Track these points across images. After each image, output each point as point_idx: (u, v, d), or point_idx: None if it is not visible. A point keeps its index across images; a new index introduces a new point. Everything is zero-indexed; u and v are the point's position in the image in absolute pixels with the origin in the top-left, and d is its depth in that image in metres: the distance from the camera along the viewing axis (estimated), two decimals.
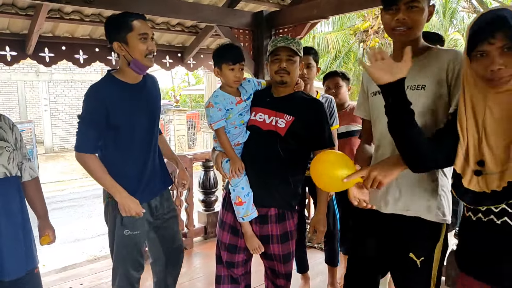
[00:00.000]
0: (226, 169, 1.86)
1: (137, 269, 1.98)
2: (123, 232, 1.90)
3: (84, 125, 1.81)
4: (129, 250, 1.93)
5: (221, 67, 1.85)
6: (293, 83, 1.89)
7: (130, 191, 1.86)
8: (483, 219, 1.18)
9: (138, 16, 1.80)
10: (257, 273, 2.28)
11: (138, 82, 1.90)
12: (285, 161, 1.82)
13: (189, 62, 4.16)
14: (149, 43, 1.80)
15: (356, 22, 17.25)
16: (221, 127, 1.83)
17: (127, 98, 1.84)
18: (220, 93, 1.87)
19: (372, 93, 1.59)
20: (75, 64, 3.49)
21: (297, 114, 1.83)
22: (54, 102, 14.41)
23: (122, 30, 1.76)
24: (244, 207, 1.82)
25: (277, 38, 1.87)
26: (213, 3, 3.54)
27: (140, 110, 1.88)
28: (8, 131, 1.72)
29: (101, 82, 1.85)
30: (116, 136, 1.83)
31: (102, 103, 1.77)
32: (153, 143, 1.98)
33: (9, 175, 1.67)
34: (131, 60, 1.79)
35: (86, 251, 4.90)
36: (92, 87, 1.82)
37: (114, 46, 1.80)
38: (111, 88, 1.82)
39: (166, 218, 2.07)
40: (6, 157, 1.66)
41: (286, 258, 1.91)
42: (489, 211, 1.15)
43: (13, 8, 2.87)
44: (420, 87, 1.41)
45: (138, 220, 1.90)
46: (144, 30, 1.78)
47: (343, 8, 3.01)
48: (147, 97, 1.93)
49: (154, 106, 1.98)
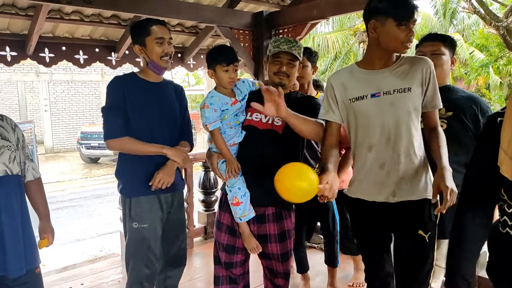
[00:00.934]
0: (222, 170, 1.86)
1: (146, 265, 1.97)
2: (132, 225, 1.95)
3: (108, 113, 1.91)
4: (138, 245, 1.96)
5: (215, 69, 1.86)
6: (291, 85, 1.94)
7: (138, 178, 1.93)
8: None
9: (158, 22, 1.95)
10: (256, 273, 2.29)
11: (157, 82, 2.02)
12: (282, 159, 1.82)
13: (189, 62, 4.17)
14: (165, 46, 1.93)
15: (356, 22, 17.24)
16: (217, 128, 1.83)
17: (142, 92, 1.95)
18: (215, 94, 1.87)
19: (353, 99, 1.66)
20: (75, 65, 3.49)
21: (292, 110, 1.83)
22: (54, 102, 14.42)
23: (141, 35, 1.92)
24: (241, 207, 1.83)
25: (280, 39, 1.87)
26: (213, 4, 3.55)
27: (153, 105, 1.96)
28: (10, 131, 1.74)
29: (121, 76, 2.00)
30: (130, 124, 1.91)
31: (121, 91, 1.90)
32: (166, 139, 1.99)
33: (10, 173, 1.68)
34: (149, 61, 1.95)
35: (86, 251, 4.90)
36: (113, 78, 1.96)
37: (135, 49, 1.97)
38: (130, 81, 1.96)
39: (176, 219, 2.09)
40: (7, 155, 1.68)
41: (284, 257, 1.91)
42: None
43: (13, 9, 2.87)
44: (406, 90, 1.59)
45: (146, 213, 1.94)
46: (161, 34, 1.91)
47: (343, 8, 3.02)
48: (162, 96, 2.01)
49: (167, 106, 2.02)
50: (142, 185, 1.93)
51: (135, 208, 1.94)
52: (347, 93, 1.68)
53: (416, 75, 1.59)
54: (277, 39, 1.89)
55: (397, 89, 1.59)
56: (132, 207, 1.94)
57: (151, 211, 1.95)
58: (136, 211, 1.93)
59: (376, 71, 1.64)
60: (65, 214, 6.66)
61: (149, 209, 1.95)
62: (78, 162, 12.06)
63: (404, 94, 1.58)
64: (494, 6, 12.81)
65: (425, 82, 1.60)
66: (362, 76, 1.67)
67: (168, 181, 1.93)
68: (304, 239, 2.82)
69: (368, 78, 1.65)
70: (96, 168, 11.05)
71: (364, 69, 1.67)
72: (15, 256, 1.67)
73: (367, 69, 1.67)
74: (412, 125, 1.60)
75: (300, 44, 1.90)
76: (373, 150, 1.64)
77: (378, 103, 1.60)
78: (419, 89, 1.59)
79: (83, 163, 11.81)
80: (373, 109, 1.61)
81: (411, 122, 1.59)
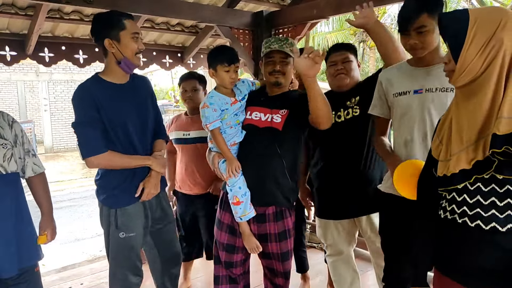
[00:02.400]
0: (222, 170, 1.86)
1: (135, 273, 1.95)
2: (118, 235, 1.87)
3: (83, 128, 1.77)
4: (126, 254, 1.90)
5: (216, 69, 1.86)
6: (288, 83, 1.94)
7: (123, 188, 1.86)
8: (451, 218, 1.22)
9: (129, 16, 1.84)
10: (256, 273, 2.29)
11: (126, 82, 1.89)
12: (283, 157, 1.83)
13: (189, 62, 4.16)
14: (139, 42, 1.84)
15: None
16: (217, 128, 1.83)
17: (115, 98, 1.82)
18: (215, 94, 1.88)
19: (396, 94, 1.74)
20: (75, 64, 3.48)
21: (290, 107, 1.86)
22: (54, 102, 14.41)
23: (115, 28, 1.77)
24: (241, 206, 1.83)
25: (270, 39, 1.91)
26: (213, 3, 3.54)
27: (129, 109, 1.86)
28: (6, 128, 1.72)
29: (87, 82, 1.83)
30: (107, 136, 1.81)
31: (92, 102, 1.76)
32: (146, 143, 1.96)
33: (4, 172, 1.66)
34: (122, 59, 1.80)
35: (86, 251, 4.90)
36: (79, 88, 1.80)
37: (105, 43, 1.78)
38: (99, 89, 1.80)
39: (164, 223, 2.06)
40: (2, 154, 1.66)
41: (285, 257, 1.91)
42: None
43: (12, 8, 2.87)
44: (449, 90, 1.59)
45: (133, 221, 1.88)
46: (136, 29, 1.83)
47: (343, 8, 3.01)
48: (135, 97, 1.91)
49: (143, 106, 1.95)
50: (128, 194, 1.87)
51: (121, 217, 1.86)
52: (393, 88, 1.75)
53: None
54: (268, 40, 1.91)
55: (440, 88, 1.61)
56: (118, 216, 1.86)
57: (137, 219, 1.90)
58: (122, 220, 1.86)
59: (422, 68, 1.68)
60: (65, 214, 6.65)
61: (135, 217, 1.90)
62: (78, 161, 12.04)
63: (446, 94, 1.59)
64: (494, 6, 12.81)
65: None
66: (408, 72, 1.72)
67: (154, 193, 1.92)
68: (304, 239, 2.83)
69: (414, 74, 1.69)
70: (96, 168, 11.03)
71: (411, 66, 1.73)
72: (4, 257, 1.65)
73: (414, 66, 1.71)
74: None
75: (292, 41, 1.93)
76: (408, 146, 1.69)
77: (420, 99, 1.65)
78: None
79: (83, 163, 11.72)
80: (413, 105, 1.66)
81: None
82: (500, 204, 1.12)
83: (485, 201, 1.14)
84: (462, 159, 1.15)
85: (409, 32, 1.59)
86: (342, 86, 2.11)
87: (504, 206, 1.11)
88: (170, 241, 2.11)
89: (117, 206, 1.87)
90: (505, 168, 1.10)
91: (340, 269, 2.30)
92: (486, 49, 1.10)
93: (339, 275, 2.31)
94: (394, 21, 17.46)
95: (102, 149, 1.77)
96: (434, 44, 1.62)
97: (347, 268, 2.30)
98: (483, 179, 1.14)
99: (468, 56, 1.12)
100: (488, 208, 1.13)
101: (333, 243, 2.27)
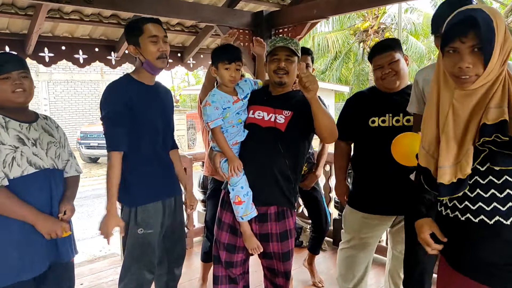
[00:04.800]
0: (224, 169, 1.86)
1: (150, 270, 1.97)
2: (136, 231, 1.90)
3: (110, 124, 1.84)
4: (143, 250, 1.94)
5: (217, 66, 1.87)
6: (292, 83, 1.93)
7: (148, 185, 1.91)
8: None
9: (152, 20, 1.89)
10: (256, 273, 2.29)
11: (153, 85, 1.98)
12: (285, 157, 1.83)
13: (189, 62, 4.16)
14: (160, 44, 1.86)
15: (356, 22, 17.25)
16: (218, 126, 1.83)
17: (143, 96, 1.90)
18: (217, 92, 1.88)
19: None
20: (75, 64, 3.49)
21: (295, 109, 1.85)
22: (54, 102, 14.42)
23: (135, 34, 1.86)
24: (243, 206, 1.82)
25: (276, 38, 1.90)
26: (213, 3, 3.54)
27: (155, 109, 1.94)
28: (54, 129, 1.86)
29: (119, 80, 1.91)
30: (133, 133, 1.86)
31: (122, 99, 1.82)
32: (167, 145, 2.04)
33: (56, 167, 1.79)
34: (144, 61, 1.88)
35: (86, 251, 4.89)
36: (110, 85, 1.88)
37: (130, 50, 1.90)
38: (129, 86, 1.88)
39: (177, 222, 2.10)
40: (54, 150, 1.80)
41: (286, 257, 1.91)
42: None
43: (12, 8, 2.87)
44: None
45: (152, 218, 1.92)
46: (155, 32, 1.86)
47: (343, 8, 3.02)
48: (160, 98, 2.00)
49: (167, 108, 2.03)
50: (149, 192, 1.91)
51: (141, 214, 1.90)
52: (429, 86, 1.73)
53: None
54: (273, 39, 1.91)
55: None
56: (138, 213, 1.90)
57: (156, 217, 1.95)
58: (142, 217, 1.90)
59: None
60: None
61: (155, 214, 1.94)
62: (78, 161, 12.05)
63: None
64: (493, 6, 12.82)
65: None
66: None
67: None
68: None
69: None
70: (96, 168, 11.05)
71: None
72: (66, 240, 1.80)
73: None
74: None
75: (297, 41, 1.92)
76: None
77: None
78: None
79: (83, 162, 11.80)
80: None
81: None
82: (500, 196, 1.13)
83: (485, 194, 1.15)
84: (470, 157, 1.14)
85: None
86: (393, 89, 2.07)
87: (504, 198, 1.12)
88: (178, 239, 2.14)
89: (138, 204, 1.90)
90: (500, 159, 1.11)
91: (354, 259, 2.26)
92: (502, 51, 1.11)
93: (351, 268, 2.26)
94: (394, 21, 17.46)
95: (122, 147, 1.84)
96: None
97: (364, 261, 2.26)
98: (479, 172, 1.15)
99: (494, 60, 1.11)
100: (490, 201, 1.14)
101: (361, 236, 2.22)
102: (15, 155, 1.63)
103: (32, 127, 1.74)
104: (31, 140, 1.71)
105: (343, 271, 2.30)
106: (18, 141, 1.66)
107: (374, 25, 16.27)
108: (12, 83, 1.65)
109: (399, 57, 2.03)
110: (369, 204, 2.18)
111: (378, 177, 2.09)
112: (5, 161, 1.60)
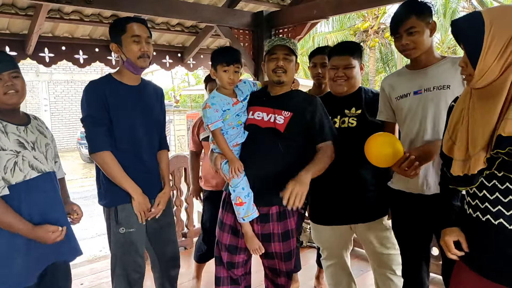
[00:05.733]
0: (225, 171, 1.86)
1: (135, 270, 1.96)
2: (118, 231, 1.90)
3: (90, 124, 1.84)
4: (125, 249, 1.92)
5: (216, 68, 1.87)
6: (290, 82, 1.93)
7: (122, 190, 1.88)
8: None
9: (136, 19, 1.88)
10: (257, 273, 2.28)
11: (137, 85, 1.94)
12: (285, 157, 1.83)
13: (189, 62, 4.16)
14: (142, 45, 1.86)
15: (356, 22, 17.24)
16: (218, 128, 1.83)
17: (121, 97, 1.87)
18: (216, 94, 1.88)
19: (398, 97, 1.84)
20: (75, 64, 3.48)
21: (295, 110, 1.86)
22: (54, 102, 14.42)
23: (118, 32, 1.87)
24: (244, 207, 1.82)
25: (273, 38, 1.93)
26: (213, 3, 3.54)
27: (134, 110, 1.90)
28: (45, 130, 1.84)
29: (97, 80, 1.91)
30: (113, 134, 1.85)
31: (101, 99, 1.82)
32: (152, 146, 2.00)
33: (52, 170, 1.76)
34: (125, 60, 1.88)
35: (86, 251, 4.89)
36: (89, 84, 1.87)
37: (112, 47, 1.91)
38: (106, 86, 1.87)
39: (162, 224, 2.07)
40: (50, 153, 1.79)
41: (287, 256, 1.91)
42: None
43: (13, 8, 2.86)
44: (446, 87, 1.70)
45: (133, 217, 1.91)
46: (138, 32, 1.85)
47: (343, 8, 3.01)
48: (143, 99, 1.95)
49: (150, 109, 1.98)
50: (126, 192, 1.88)
51: (121, 213, 1.89)
52: (394, 92, 1.86)
53: (457, 74, 1.64)
54: (271, 39, 1.94)
55: (437, 86, 1.72)
56: (118, 212, 1.89)
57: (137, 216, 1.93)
58: (122, 216, 1.89)
59: (420, 70, 1.79)
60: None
61: (135, 212, 1.92)
62: (78, 162, 12.05)
63: (445, 91, 1.70)
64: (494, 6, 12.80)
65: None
66: (407, 76, 1.84)
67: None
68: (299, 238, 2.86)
69: (413, 77, 1.81)
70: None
71: (409, 70, 1.85)
72: (75, 239, 1.82)
73: (412, 69, 1.83)
74: None
75: (295, 41, 1.94)
76: (413, 145, 1.79)
77: (420, 99, 1.75)
78: (460, 87, 1.66)
79: (83, 162, 11.80)
80: (414, 106, 1.77)
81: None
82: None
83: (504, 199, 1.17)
84: (480, 159, 1.17)
85: (400, 34, 1.72)
86: (340, 92, 2.08)
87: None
88: (167, 241, 2.12)
89: (116, 204, 1.90)
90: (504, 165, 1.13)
91: (335, 273, 2.30)
92: (505, 53, 1.10)
93: (335, 279, 2.30)
94: None
95: (104, 147, 1.83)
96: (425, 45, 1.72)
97: (343, 272, 2.29)
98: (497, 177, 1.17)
99: (487, 61, 1.11)
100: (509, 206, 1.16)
101: (328, 247, 2.26)
102: (17, 160, 1.60)
103: (28, 129, 1.71)
104: (30, 144, 1.68)
105: (330, 281, 2.35)
106: (19, 146, 1.63)
107: (374, 25, 16.27)
108: (3, 84, 1.58)
109: (355, 64, 2.04)
110: (323, 216, 2.18)
111: (328, 185, 2.05)
112: (6, 167, 1.57)
